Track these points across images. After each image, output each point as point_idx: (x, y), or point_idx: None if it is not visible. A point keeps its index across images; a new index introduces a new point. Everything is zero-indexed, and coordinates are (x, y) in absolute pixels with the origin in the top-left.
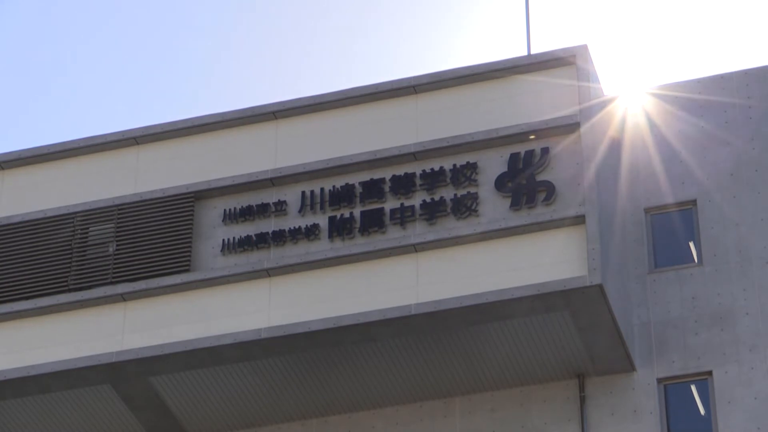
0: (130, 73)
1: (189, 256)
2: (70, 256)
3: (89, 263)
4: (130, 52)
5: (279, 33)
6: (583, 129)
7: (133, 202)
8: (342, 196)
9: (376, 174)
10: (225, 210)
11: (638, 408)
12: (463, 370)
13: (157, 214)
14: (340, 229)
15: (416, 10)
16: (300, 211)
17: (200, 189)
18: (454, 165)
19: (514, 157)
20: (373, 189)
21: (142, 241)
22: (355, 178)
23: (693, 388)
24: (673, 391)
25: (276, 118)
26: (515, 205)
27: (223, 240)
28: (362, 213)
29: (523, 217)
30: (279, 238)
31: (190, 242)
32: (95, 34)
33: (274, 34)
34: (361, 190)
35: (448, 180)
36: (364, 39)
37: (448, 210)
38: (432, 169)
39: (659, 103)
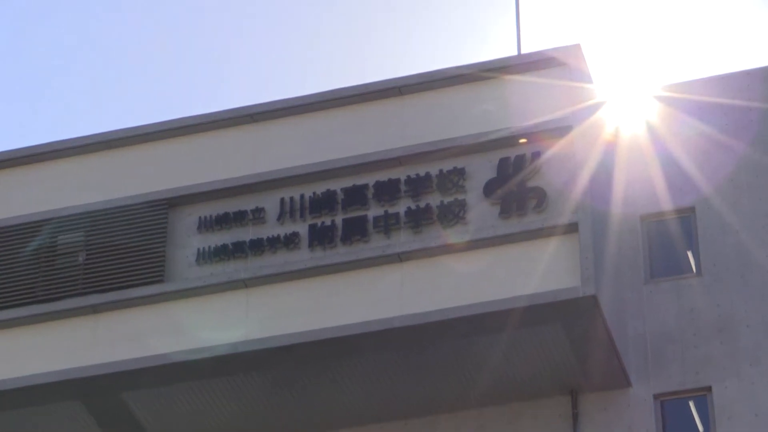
0: (113, 75)
1: (163, 265)
2: (37, 265)
3: (58, 273)
4: (111, 56)
5: (260, 35)
6: (575, 132)
7: (104, 209)
8: (323, 203)
9: (359, 180)
10: (200, 217)
11: (634, 425)
12: (449, 385)
13: (128, 222)
14: (320, 237)
15: (403, 9)
16: (279, 219)
17: (174, 195)
18: (441, 170)
19: (503, 162)
20: (355, 195)
21: (113, 250)
22: (337, 184)
23: (691, 404)
24: (670, 407)
25: (254, 120)
26: (505, 213)
27: (198, 249)
28: (344, 221)
29: (513, 225)
30: (257, 247)
31: (163, 251)
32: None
33: (254, 36)
34: (343, 197)
35: (435, 186)
36: (348, 39)
37: (435, 218)
38: (417, 175)
39: (656, 104)
